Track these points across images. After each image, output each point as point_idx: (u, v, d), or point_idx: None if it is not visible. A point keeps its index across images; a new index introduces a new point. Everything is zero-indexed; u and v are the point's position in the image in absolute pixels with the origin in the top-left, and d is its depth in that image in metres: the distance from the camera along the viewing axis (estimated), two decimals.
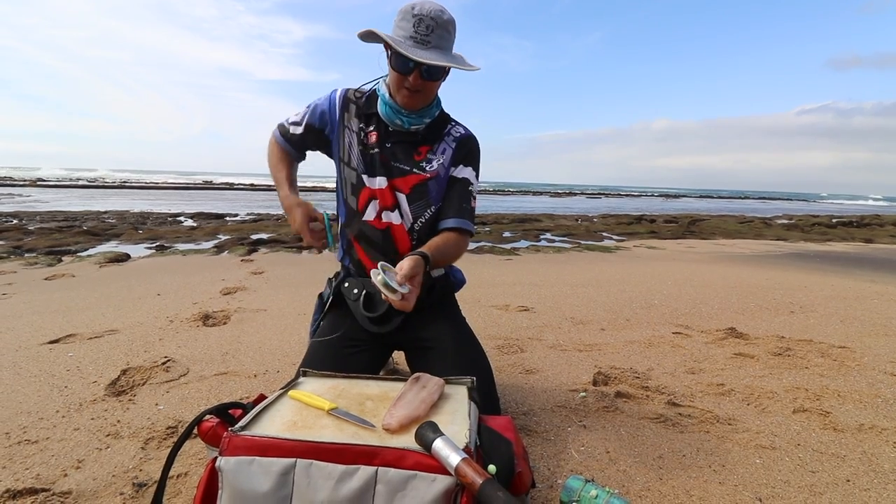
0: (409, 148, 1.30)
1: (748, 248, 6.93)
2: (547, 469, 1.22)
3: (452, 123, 1.37)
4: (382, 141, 1.29)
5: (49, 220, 8.34)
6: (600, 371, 1.86)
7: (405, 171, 1.29)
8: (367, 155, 1.29)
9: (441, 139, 1.32)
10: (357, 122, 1.31)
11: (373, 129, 1.29)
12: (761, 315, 2.85)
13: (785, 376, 1.90)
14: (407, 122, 1.26)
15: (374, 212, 1.29)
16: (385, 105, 1.26)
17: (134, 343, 2.13)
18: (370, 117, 1.30)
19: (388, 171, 1.28)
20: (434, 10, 1.13)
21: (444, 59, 1.14)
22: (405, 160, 1.29)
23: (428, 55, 1.13)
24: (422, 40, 1.13)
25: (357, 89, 1.35)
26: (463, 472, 0.69)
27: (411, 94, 1.20)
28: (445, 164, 1.31)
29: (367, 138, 1.29)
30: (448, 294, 1.43)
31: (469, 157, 1.34)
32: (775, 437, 1.42)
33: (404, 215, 1.29)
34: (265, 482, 0.72)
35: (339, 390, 0.99)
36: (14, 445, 1.29)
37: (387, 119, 1.27)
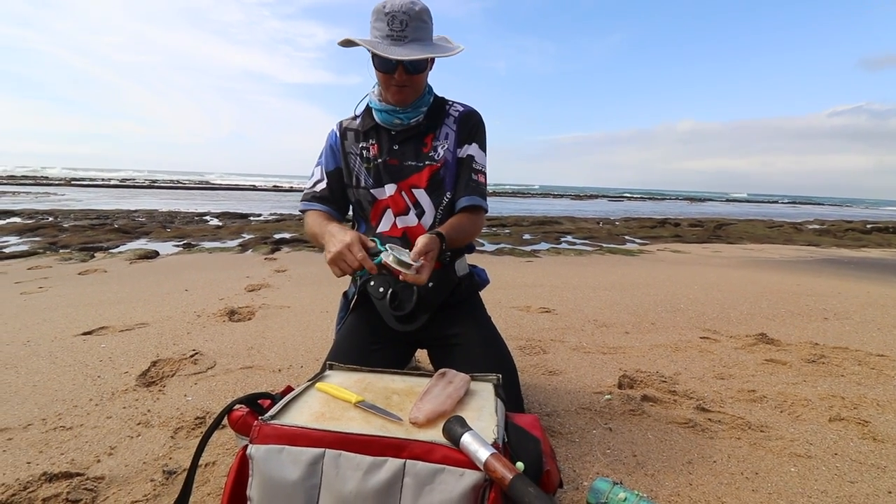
0: (416, 142, 1.30)
1: (778, 253, 6.73)
2: (572, 471, 1.20)
3: (450, 104, 1.36)
4: (388, 146, 1.29)
5: (82, 218, 8.64)
6: (625, 374, 1.83)
7: (419, 167, 1.28)
8: (373, 168, 1.29)
9: (442, 123, 1.32)
10: (357, 145, 1.32)
11: (373, 143, 1.30)
12: (793, 321, 2.76)
13: (820, 384, 1.83)
14: (405, 118, 1.26)
15: (388, 222, 1.30)
16: (380, 111, 1.28)
17: (163, 336, 2.19)
18: (369, 133, 1.31)
19: (396, 175, 1.28)
20: (404, 4, 1.13)
21: (423, 51, 1.15)
22: (415, 156, 1.29)
23: (406, 51, 1.13)
24: (398, 37, 1.14)
25: (349, 118, 1.37)
26: (492, 467, 0.68)
27: (400, 90, 1.21)
28: (451, 147, 1.31)
29: (369, 153, 1.30)
30: (473, 293, 1.42)
31: (472, 133, 1.33)
32: (811, 446, 1.37)
33: (424, 212, 1.29)
34: (294, 471, 0.73)
35: (365, 384, 0.99)
36: (50, 431, 1.33)
37: (386, 123, 1.28)
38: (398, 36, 1.14)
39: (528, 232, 8.82)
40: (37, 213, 9.22)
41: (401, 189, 1.29)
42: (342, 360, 1.16)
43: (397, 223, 1.29)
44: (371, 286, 1.33)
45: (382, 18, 1.13)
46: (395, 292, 1.29)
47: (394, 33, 1.14)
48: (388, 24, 1.13)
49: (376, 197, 1.30)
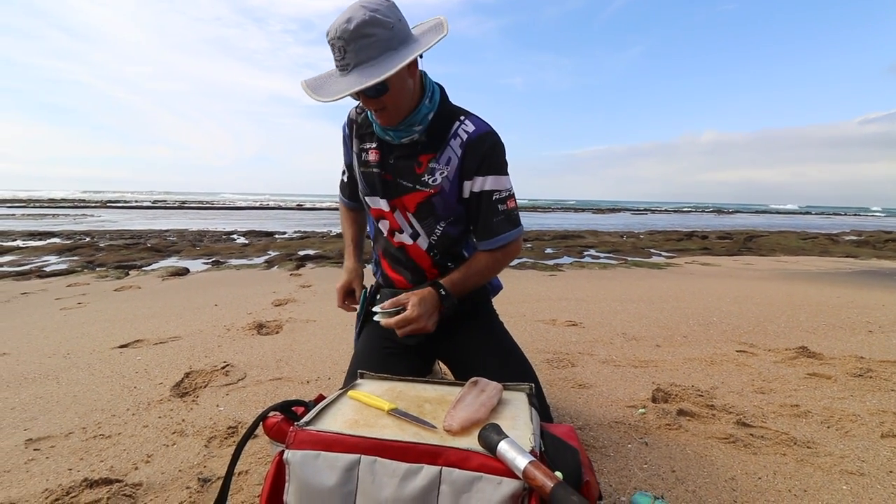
0: (410, 161, 1.15)
1: (813, 265, 6.48)
2: (609, 485, 1.16)
3: (461, 120, 1.15)
4: (385, 158, 1.17)
5: (117, 238, 8.98)
6: (659, 388, 1.77)
7: (408, 188, 1.16)
8: (369, 175, 1.19)
9: (446, 144, 1.13)
10: (358, 143, 1.22)
11: (374, 146, 1.19)
12: (835, 334, 2.64)
13: (868, 399, 1.74)
14: (396, 136, 1.13)
15: (385, 230, 1.23)
16: (374, 123, 1.16)
17: (195, 349, 2.23)
18: (373, 135, 1.19)
19: (388, 192, 1.18)
20: (339, 27, 0.97)
21: (362, 78, 0.98)
22: (408, 175, 1.16)
23: (345, 83, 0.99)
24: (342, 66, 1.01)
25: (359, 109, 1.24)
26: (532, 475, 0.67)
27: (380, 115, 1.09)
28: (450, 176, 1.14)
29: (368, 156, 1.20)
30: (485, 301, 1.36)
31: (485, 164, 1.13)
32: (863, 463, 1.30)
33: (418, 235, 1.20)
34: (331, 476, 0.73)
35: (396, 392, 0.99)
36: (90, 439, 1.37)
37: (379, 136, 1.17)
38: (341, 66, 1.00)
39: (550, 246, 8.75)
40: (75, 234, 9.64)
41: (393, 206, 1.19)
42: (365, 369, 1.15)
43: (395, 237, 1.22)
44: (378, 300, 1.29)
45: (332, 48, 1.00)
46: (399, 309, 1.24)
47: (338, 63, 1.01)
48: (334, 54, 1.00)
49: (370, 205, 1.23)
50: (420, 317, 1.07)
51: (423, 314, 1.07)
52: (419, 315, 1.06)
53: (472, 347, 1.26)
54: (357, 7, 0.99)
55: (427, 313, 1.08)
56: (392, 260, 1.26)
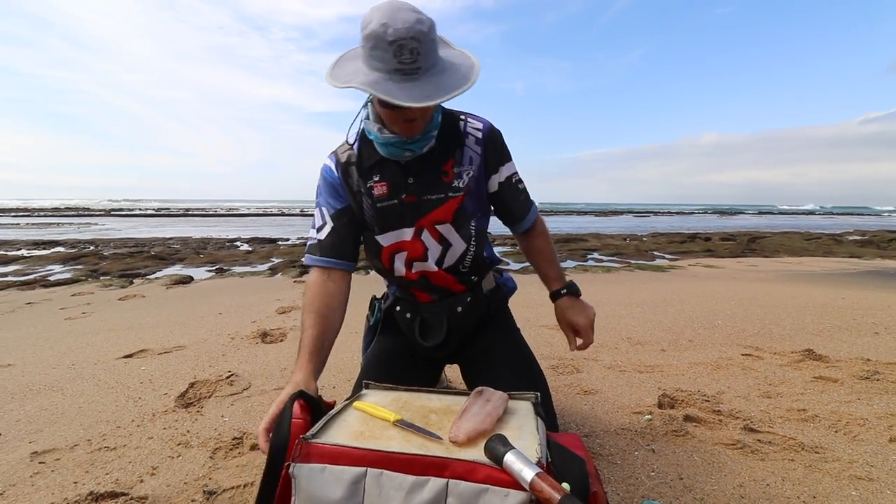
0: (434, 172, 1.11)
1: (818, 265, 6.45)
2: (616, 494, 1.16)
3: (463, 119, 1.15)
4: (401, 181, 1.10)
5: (121, 247, 9.01)
6: (665, 393, 1.76)
7: (440, 200, 1.11)
8: (386, 208, 1.11)
9: (461, 144, 1.13)
10: (361, 182, 1.12)
11: (380, 180, 1.11)
12: (841, 336, 2.62)
13: (875, 402, 1.72)
14: (417, 148, 1.07)
15: (402, 266, 1.16)
16: (385, 146, 1.07)
17: (200, 358, 2.24)
18: (373, 168, 1.11)
19: (416, 214, 1.11)
20: (411, 26, 0.89)
21: (444, 87, 0.92)
22: (437, 188, 1.11)
23: (425, 89, 0.91)
24: (410, 70, 0.91)
25: (343, 147, 1.16)
26: (538, 487, 0.66)
27: (410, 125, 1.01)
28: (476, 174, 1.14)
29: (377, 192, 1.11)
30: (502, 306, 1.38)
31: (502, 153, 1.18)
32: (871, 468, 1.28)
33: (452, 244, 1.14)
34: (337, 490, 0.72)
35: (401, 402, 0.99)
36: (95, 452, 1.37)
37: (394, 157, 1.08)
38: (409, 69, 0.91)
39: None
40: (79, 243, 9.69)
41: (421, 228, 1.12)
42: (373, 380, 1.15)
43: (413, 268, 1.15)
44: (398, 311, 1.27)
45: (386, 48, 0.89)
46: (423, 319, 1.23)
47: (404, 66, 0.90)
48: (396, 54, 0.89)
49: (382, 244, 1.14)
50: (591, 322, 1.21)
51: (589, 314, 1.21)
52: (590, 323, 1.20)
53: (486, 349, 1.26)
54: (409, 8, 0.92)
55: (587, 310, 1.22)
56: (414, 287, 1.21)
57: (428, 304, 1.22)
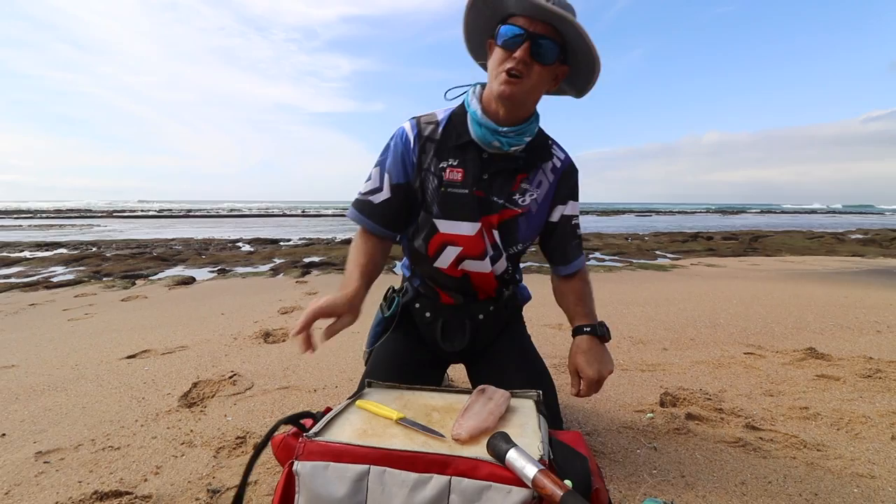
0: (507, 177, 1.09)
1: (820, 264, 6.44)
2: (618, 492, 1.16)
3: (551, 143, 1.15)
4: (478, 173, 1.07)
5: (123, 248, 9.03)
6: (667, 392, 1.77)
7: (499, 205, 1.09)
8: (453, 196, 1.07)
9: (538, 167, 1.12)
10: (437, 162, 1.09)
11: (457, 165, 1.08)
12: (843, 335, 2.62)
13: (878, 400, 1.72)
14: (506, 142, 1.04)
15: (449, 259, 1.11)
16: (478, 124, 1.04)
17: (202, 358, 2.24)
18: (453, 151, 1.08)
19: (482, 210, 1.07)
20: None
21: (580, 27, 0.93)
22: (501, 192, 1.09)
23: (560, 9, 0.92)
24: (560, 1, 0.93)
25: (428, 118, 1.12)
26: (541, 483, 0.67)
27: (511, 82, 0.98)
28: (539, 199, 1.12)
29: (449, 175, 1.07)
30: (517, 313, 1.35)
31: (572, 191, 1.17)
32: (873, 466, 1.29)
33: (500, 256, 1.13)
34: (340, 487, 0.73)
35: (404, 401, 0.99)
36: (99, 451, 1.37)
37: (482, 141, 1.05)
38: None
39: None
40: (81, 244, 9.71)
41: (484, 227, 1.08)
42: (381, 378, 1.15)
43: (460, 265, 1.11)
44: (416, 308, 1.23)
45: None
46: (445, 322, 1.19)
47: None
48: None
49: (438, 229, 1.09)
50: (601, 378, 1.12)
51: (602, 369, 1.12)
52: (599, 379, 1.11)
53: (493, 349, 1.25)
54: None
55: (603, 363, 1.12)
56: (441, 285, 1.19)
57: (450, 307, 1.20)
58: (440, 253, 1.11)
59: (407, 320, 1.26)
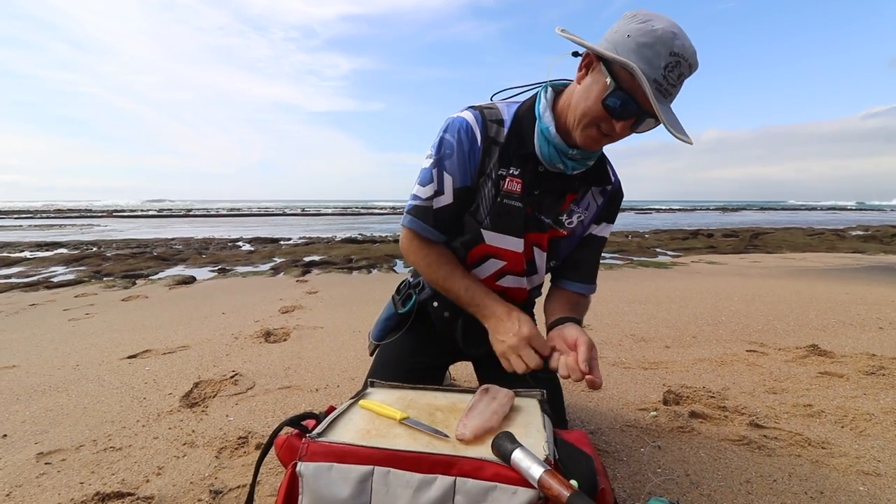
0: (557, 197, 1.03)
1: (821, 261, 6.43)
2: (623, 491, 1.15)
3: (608, 168, 1.09)
4: (530, 188, 1.00)
5: (124, 248, 9.02)
6: (670, 390, 1.76)
7: (545, 224, 1.04)
8: (506, 207, 1.00)
9: (589, 188, 1.06)
10: (497, 168, 1.00)
11: (518, 175, 1.00)
12: (845, 332, 2.61)
13: (881, 397, 1.72)
14: (571, 166, 0.98)
15: (488, 271, 1.07)
16: (546, 142, 0.96)
17: (204, 358, 2.24)
18: (515, 160, 1.00)
19: (525, 226, 1.02)
20: (694, 53, 0.82)
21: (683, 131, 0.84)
22: (549, 212, 1.03)
23: (671, 117, 0.83)
24: (666, 90, 0.82)
25: (493, 114, 1.01)
26: (547, 484, 0.66)
27: (600, 139, 0.91)
28: (585, 221, 1.08)
29: (508, 186, 1.00)
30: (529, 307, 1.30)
31: (612, 215, 1.13)
32: (879, 463, 1.28)
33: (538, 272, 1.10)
34: (344, 488, 0.72)
35: (407, 400, 0.99)
36: (101, 452, 1.37)
37: (546, 161, 0.98)
38: (666, 89, 0.82)
39: None
40: (82, 244, 9.70)
41: (528, 244, 1.04)
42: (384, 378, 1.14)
43: (502, 282, 1.07)
44: (434, 307, 1.16)
45: (663, 55, 0.80)
46: (467, 326, 1.12)
47: (665, 82, 0.81)
48: (668, 68, 0.80)
49: (484, 240, 1.02)
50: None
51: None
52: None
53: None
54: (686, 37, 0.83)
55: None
56: None
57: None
58: (481, 263, 1.06)
59: (420, 318, 1.21)
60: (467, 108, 1.02)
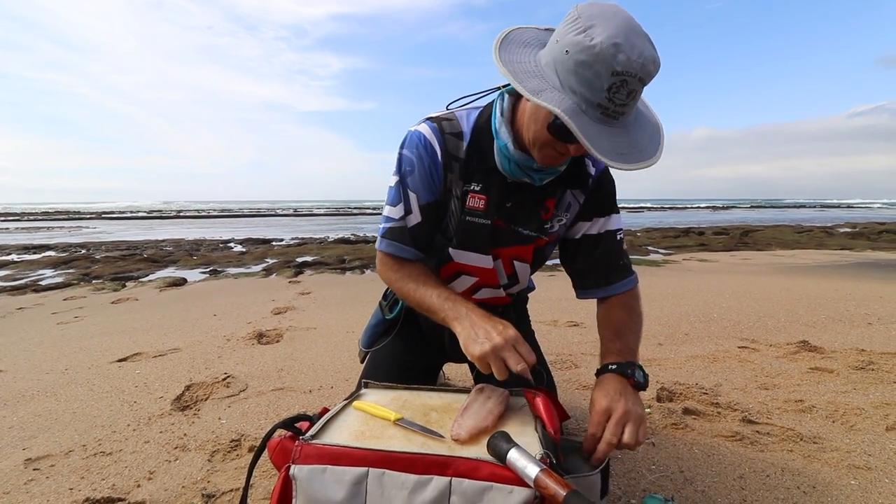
0: (535, 205, 0.98)
1: (810, 258, 6.51)
2: (618, 488, 1.16)
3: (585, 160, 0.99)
4: (499, 202, 0.96)
5: (113, 250, 8.92)
6: (663, 387, 1.77)
7: (529, 238, 1.00)
8: (471, 225, 0.97)
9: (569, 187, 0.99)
10: (461, 185, 0.96)
11: (480, 191, 0.95)
12: (834, 327, 2.64)
13: (871, 392, 1.74)
14: (539, 178, 0.92)
15: (463, 286, 1.06)
16: (507, 160, 0.91)
17: (195, 360, 2.21)
18: (478, 175, 0.95)
19: (499, 240, 0.99)
20: (645, 63, 0.70)
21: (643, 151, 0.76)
22: (531, 223, 0.99)
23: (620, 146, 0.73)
24: (614, 112, 0.72)
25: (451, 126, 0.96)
26: (543, 483, 0.66)
27: (559, 157, 0.85)
28: (567, 223, 1.03)
29: (471, 203, 0.96)
30: (521, 305, 1.33)
31: (607, 202, 1.02)
32: (869, 457, 1.29)
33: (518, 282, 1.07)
34: (339, 491, 0.71)
35: (402, 401, 0.98)
36: (91, 457, 1.35)
37: (510, 176, 0.93)
38: (614, 112, 0.72)
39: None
40: (70, 247, 9.57)
41: (503, 259, 1.01)
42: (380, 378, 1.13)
43: (479, 295, 1.06)
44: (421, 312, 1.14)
45: (604, 76, 0.69)
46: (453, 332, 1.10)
47: (612, 106, 0.71)
48: (612, 90, 0.70)
49: (451, 258, 1.01)
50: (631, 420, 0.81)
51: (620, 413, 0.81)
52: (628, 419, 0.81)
53: None
54: (646, 36, 0.72)
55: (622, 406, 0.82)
56: None
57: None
58: (454, 279, 1.05)
59: (409, 322, 1.21)
60: (424, 120, 0.98)
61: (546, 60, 0.77)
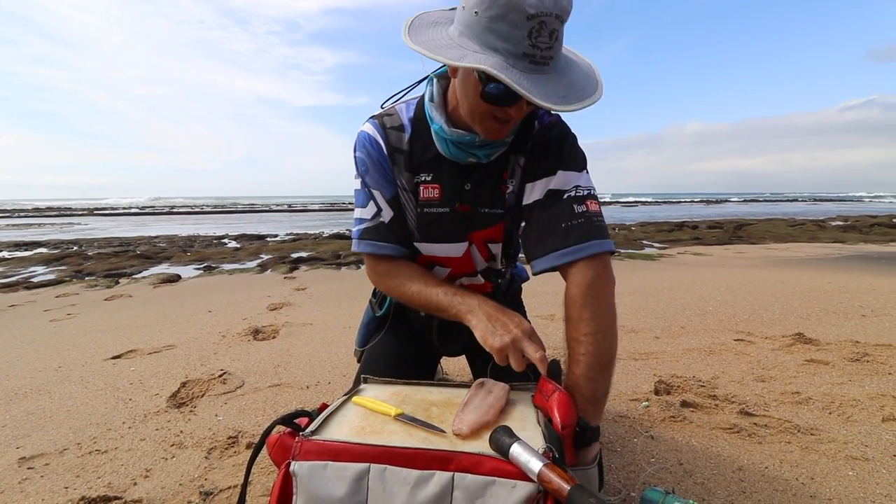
0: (494, 181, 0.94)
1: (803, 251, 6.55)
2: (618, 482, 1.16)
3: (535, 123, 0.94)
4: (457, 186, 0.93)
5: (106, 246, 8.83)
6: (661, 380, 1.77)
7: (497, 215, 0.96)
8: (431, 217, 0.95)
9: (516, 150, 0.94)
10: (410, 177, 0.95)
11: (432, 180, 0.94)
12: (829, 320, 2.66)
13: (867, 383, 1.75)
14: (485, 153, 0.89)
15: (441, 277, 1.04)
16: (447, 142, 0.89)
17: (191, 357, 2.20)
18: (425, 164, 0.94)
19: (469, 225, 0.96)
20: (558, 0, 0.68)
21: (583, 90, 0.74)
22: (495, 200, 0.95)
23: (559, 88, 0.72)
24: (541, 59, 0.71)
25: (392, 120, 0.95)
26: (547, 478, 0.65)
27: (502, 126, 0.82)
28: (514, 189, 0.96)
29: (427, 193, 0.94)
30: (516, 298, 1.32)
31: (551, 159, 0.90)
32: (867, 448, 1.30)
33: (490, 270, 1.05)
34: (340, 487, 0.71)
35: (402, 396, 0.97)
36: (86, 455, 1.33)
37: (455, 159, 0.91)
38: (541, 57, 0.71)
39: None
40: (62, 243, 9.47)
41: (473, 244, 0.98)
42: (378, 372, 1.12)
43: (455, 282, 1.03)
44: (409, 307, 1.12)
45: (518, 23, 0.67)
46: (442, 324, 1.08)
47: (537, 53, 0.70)
48: (532, 34, 0.68)
49: (420, 251, 1.00)
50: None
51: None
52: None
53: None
54: None
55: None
56: None
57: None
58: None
59: (399, 317, 1.22)
60: (367, 119, 0.98)
61: (460, 31, 0.76)
